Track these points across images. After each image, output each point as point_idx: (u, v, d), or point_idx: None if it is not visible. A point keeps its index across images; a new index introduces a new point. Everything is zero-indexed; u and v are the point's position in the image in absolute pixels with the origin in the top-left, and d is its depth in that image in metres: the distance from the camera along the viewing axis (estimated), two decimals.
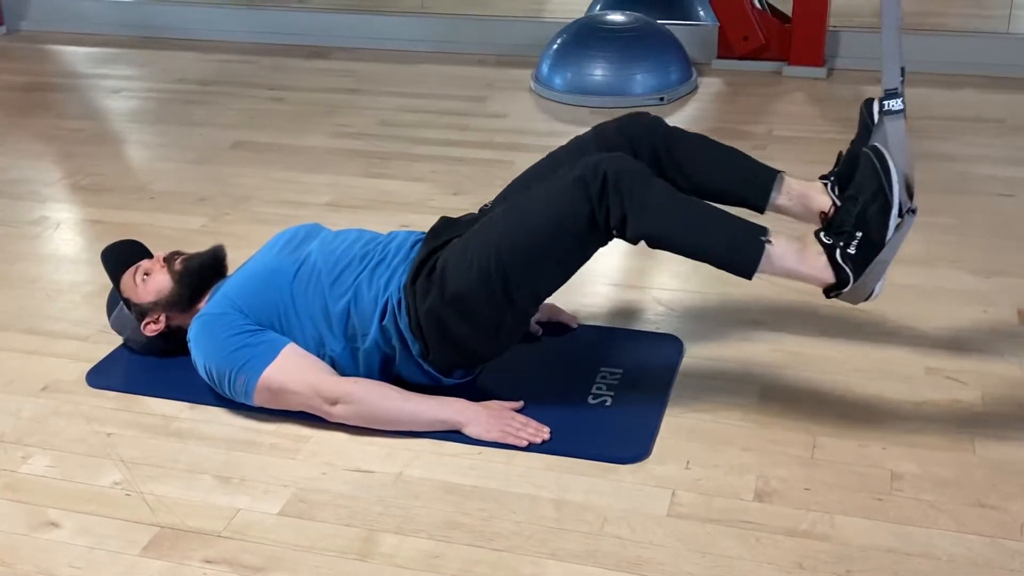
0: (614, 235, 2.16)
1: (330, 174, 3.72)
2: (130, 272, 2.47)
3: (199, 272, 2.45)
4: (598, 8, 5.31)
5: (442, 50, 5.21)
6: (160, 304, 2.43)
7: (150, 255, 2.54)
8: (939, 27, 5.37)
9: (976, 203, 3.37)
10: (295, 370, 2.25)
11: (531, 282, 2.21)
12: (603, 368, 2.46)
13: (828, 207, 2.25)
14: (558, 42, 4.62)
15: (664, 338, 2.61)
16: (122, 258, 2.52)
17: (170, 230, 3.26)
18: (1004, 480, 2.09)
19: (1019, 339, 2.58)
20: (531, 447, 2.20)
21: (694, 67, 4.66)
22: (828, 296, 2.14)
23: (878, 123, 2.11)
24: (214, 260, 2.49)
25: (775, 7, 4.90)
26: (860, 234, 2.06)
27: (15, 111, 4.56)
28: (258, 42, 5.40)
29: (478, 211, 2.45)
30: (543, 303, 2.48)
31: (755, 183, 2.34)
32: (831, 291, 2.12)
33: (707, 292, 2.83)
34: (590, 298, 2.82)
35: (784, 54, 4.74)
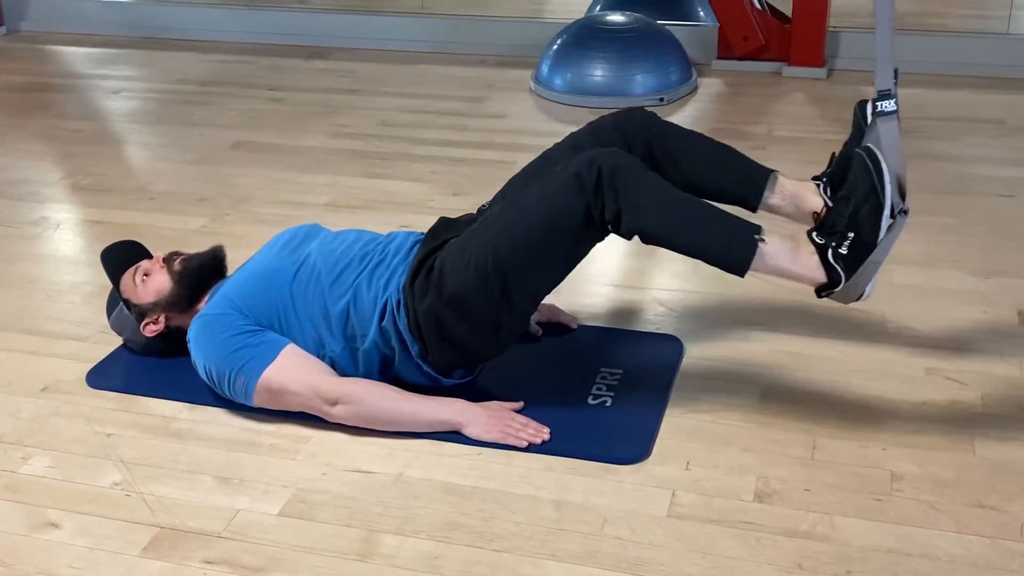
0: (609, 230, 2.16)
1: (330, 174, 3.72)
2: (130, 273, 2.47)
3: (199, 272, 2.45)
4: (598, 8, 5.31)
5: (442, 50, 5.21)
6: (160, 304, 2.43)
7: (149, 256, 2.54)
8: (939, 28, 5.37)
9: (976, 203, 3.37)
10: (295, 371, 2.25)
11: (529, 280, 2.21)
12: (603, 368, 2.46)
13: (820, 207, 2.25)
14: (558, 43, 4.62)
15: (664, 339, 2.61)
16: (122, 259, 2.52)
17: (170, 230, 3.26)
18: (1004, 481, 2.09)
19: (1019, 339, 2.58)
20: (531, 448, 2.20)
21: (694, 67, 4.66)
22: (819, 296, 2.14)
23: (871, 124, 2.11)
24: (214, 260, 2.49)
25: (775, 7, 4.90)
26: (852, 234, 2.06)
27: (15, 111, 4.56)
28: (258, 42, 5.41)
29: (476, 211, 2.45)
30: (543, 303, 2.49)
31: (749, 182, 2.34)
32: (822, 291, 2.13)
33: (707, 293, 2.83)
34: (590, 299, 2.82)
35: (784, 54, 4.74)
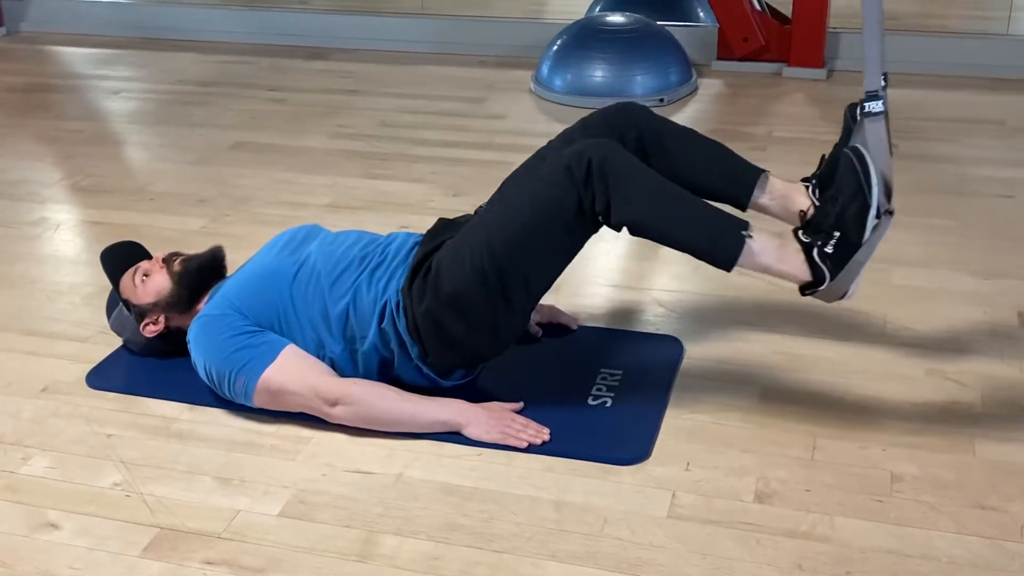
0: (601, 221, 2.17)
1: (330, 175, 3.72)
2: (129, 273, 2.47)
3: (198, 273, 2.45)
4: (598, 9, 5.32)
5: (442, 51, 5.21)
6: (159, 305, 2.43)
7: (149, 256, 2.54)
8: (939, 29, 5.38)
9: (976, 205, 3.37)
10: (295, 371, 2.25)
11: (526, 275, 2.21)
12: (603, 369, 2.46)
13: (807, 207, 2.26)
14: (558, 43, 4.62)
15: (664, 339, 2.61)
16: (121, 259, 2.52)
17: (170, 231, 3.26)
18: (1004, 481, 2.09)
19: (1019, 341, 2.58)
20: (531, 448, 2.20)
21: (694, 68, 4.66)
22: (803, 294, 2.15)
23: (858, 124, 2.12)
24: (213, 261, 2.49)
25: (775, 8, 4.90)
26: (838, 234, 2.07)
27: (15, 112, 4.56)
28: (258, 43, 5.41)
29: (474, 212, 2.45)
30: (542, 304, 2.49)
31: (739, 180, 2.34)
32: (807, 289, 2.13)
33: (707, 293, 2.83)
34: (590, 299, 2.82)
35: (784, 55, 4.74)
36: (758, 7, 4.82)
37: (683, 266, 2.88)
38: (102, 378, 2.49)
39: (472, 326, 2.23)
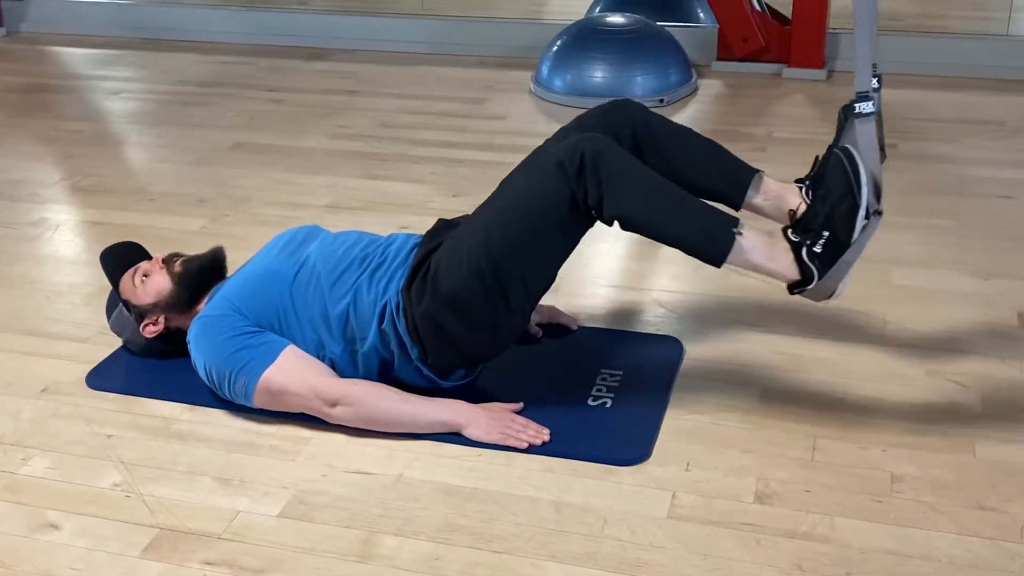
0: (594, 216, 2.17)
1: (329, 175, 3.72)
2: (129, 274, 2.47)
3: (198, 274, 2.45)
4: (598, 10, 5.32)
5: (442, 52, 5.21)
6: (159, 305, 2.43)
7: (149, 257, 2.54)
8: (939, 29, 5.38)
9: (976, 205, 3.37)
10: (295, 372, 2.24)
11: (523, 273, 2.21)
12: (603, 370, 2.46)
13: (798, 207, 2.26)
14: (558, 44, 4.62)
15: (664, 340, 2.61)
16: (121, 260, 2.52)
17: (170, 231, 3.26)
18: (1004, 482, 2.09)
19: (1019, 341, 2.58)
20: (531, 449, 2.20)
21: (694, 69, 4.66)
22: (792, 292, 2.15)
23: (848, 124, 2.12)
24: (213, 262, 2.49)
25: (775, 9, 4.90)
26: (827, 233, 2.07)
27: (15, 112, 4.56)
28: (257, 43, 5.41)
29: (473, 212, 2.45)
30: (542, 305, 2.49)
31: (734, 179, 2.34)
32: (795, 287, 2.14)
33: (707, 294, 2.83)
34: (590, 300, 2.82)
35: (784, 56, 4.74)
36: (758, 8, 4.82)
37: (683, 266, 2.88)
38: (102, 379, 2.49)
39: (471, 326, 2.23)
